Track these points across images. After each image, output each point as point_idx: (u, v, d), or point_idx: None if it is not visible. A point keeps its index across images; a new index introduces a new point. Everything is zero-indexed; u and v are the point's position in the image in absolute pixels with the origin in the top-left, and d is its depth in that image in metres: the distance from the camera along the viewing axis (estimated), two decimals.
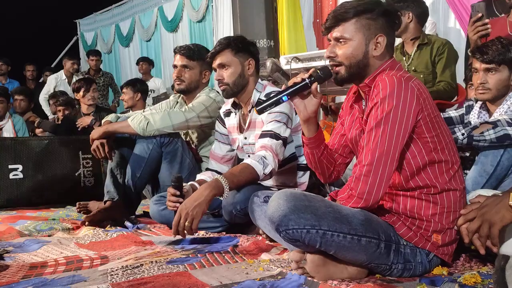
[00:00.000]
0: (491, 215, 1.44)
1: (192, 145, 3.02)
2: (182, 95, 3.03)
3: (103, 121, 3.01)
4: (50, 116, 6.38)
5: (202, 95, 2.88)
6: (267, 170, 2.19)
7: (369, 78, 1.62)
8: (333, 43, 1.65)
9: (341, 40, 1.62)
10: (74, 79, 6.72)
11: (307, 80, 1.64)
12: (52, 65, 8.27)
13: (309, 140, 1.76)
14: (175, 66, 2.92)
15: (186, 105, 2.93)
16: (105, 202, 2.87)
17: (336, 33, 1.63)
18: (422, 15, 3.45)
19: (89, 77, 5.72)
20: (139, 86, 4.99)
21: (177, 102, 3.05)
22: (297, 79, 1.66)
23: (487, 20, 2.57)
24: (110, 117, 2.98)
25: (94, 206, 3.04)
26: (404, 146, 1.54)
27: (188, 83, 2.90)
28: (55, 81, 6.74)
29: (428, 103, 1.55)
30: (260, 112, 1.68)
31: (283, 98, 1.64)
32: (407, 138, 1.52)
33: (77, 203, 3.16)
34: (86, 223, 2.68)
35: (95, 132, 2.81)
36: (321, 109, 3.92)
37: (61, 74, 6.88)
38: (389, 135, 1.50)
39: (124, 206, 2.87)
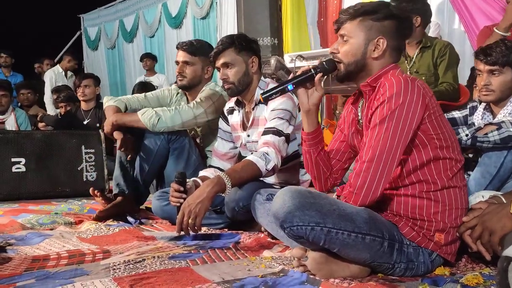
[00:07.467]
0: (492, 223, 1.44)
1: (197, 139, 3.01)
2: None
3: (104, 106, 2.92)
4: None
5: (207, 89, 2.87)
6: (270, 166, 2.19)
7: (372, 78, 1.65)
8: (339, 40, 1.70)
9: (344, 38, 1.67)
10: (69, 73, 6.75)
11: (312, 71, 1.68)
12: (55, 60, 8.24)
13: (307, 135, 1.79)
14: (177, 62, 2.92)
15: (187, 98, 2.93)
16: (115, 196, 2.84)
17: (341, 30, 1.68)
18: (428, 18, 3.46)
19: (86, 73, 5.69)
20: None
21: (178, 93, 3.03)
22: (305, 68, 1.70)
23: None
24: (107, 99, 2.91)
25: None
26: (410, 141, 1.55)
27: (190, 79, 2.90)
28: (54, 75, 6.72)
29: (433, 102, 1.58)
30: (265, 99, 1.71)
31: (289, 87, 1.69)
32: (411, 136, 1.53)
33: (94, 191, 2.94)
34: (99, 217, 2.64)
35: (106, 126, 2.79)
36: (325, 108, 3.93)
37: (58, 67, 6.87)
38: (393, 133, 1.51)
39: (134, 200, 2.86)
